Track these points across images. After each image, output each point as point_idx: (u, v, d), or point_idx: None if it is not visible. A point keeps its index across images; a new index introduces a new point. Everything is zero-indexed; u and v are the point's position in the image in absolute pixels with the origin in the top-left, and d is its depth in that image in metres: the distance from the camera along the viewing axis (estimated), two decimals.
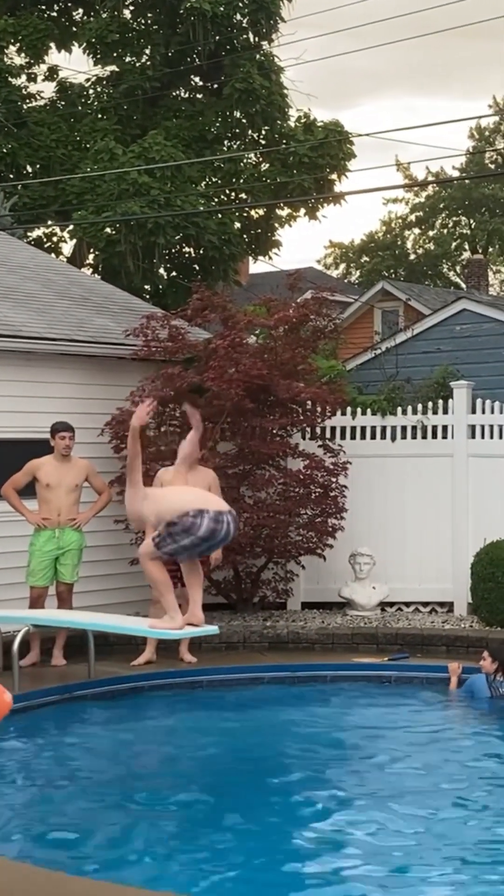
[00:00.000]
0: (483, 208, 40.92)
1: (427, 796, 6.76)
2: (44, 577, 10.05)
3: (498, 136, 41.79)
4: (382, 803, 6.55)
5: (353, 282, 41.67)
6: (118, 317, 12.68)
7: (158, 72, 20.36)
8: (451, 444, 12.43)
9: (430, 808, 6.50)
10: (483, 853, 5.86)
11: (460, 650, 10.54)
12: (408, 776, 7.24)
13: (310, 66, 45.58)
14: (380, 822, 6.22)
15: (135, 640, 10.26)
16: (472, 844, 6.00)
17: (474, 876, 5.49)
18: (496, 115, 40.86)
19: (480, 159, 40.49)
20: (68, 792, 6.94)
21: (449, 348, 15.90)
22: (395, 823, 6.21)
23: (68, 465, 10.18)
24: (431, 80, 64.02)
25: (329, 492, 11.81)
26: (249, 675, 9.77)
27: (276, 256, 22.69)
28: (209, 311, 12.22)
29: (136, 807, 6.60)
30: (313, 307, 12.29)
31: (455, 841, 6.00)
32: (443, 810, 6.50)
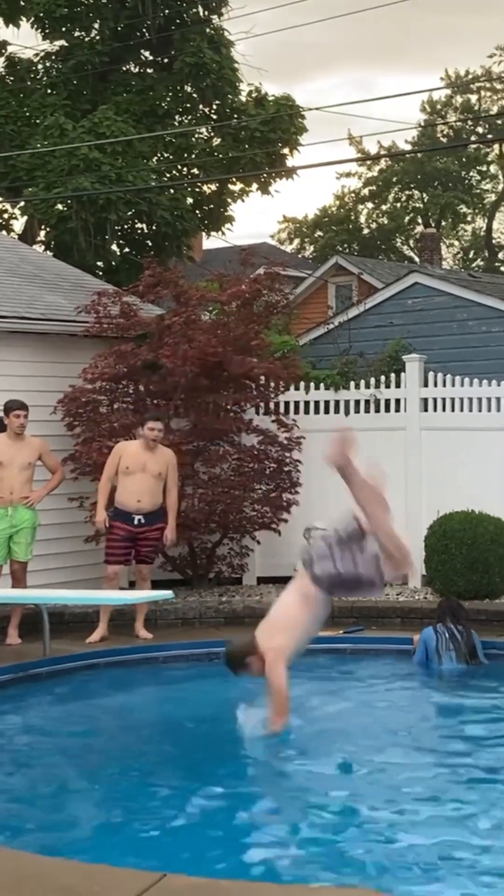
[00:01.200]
0: (436, 182, 41.02)
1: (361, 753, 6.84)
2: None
3: (450, 109, 41.86)
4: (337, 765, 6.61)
5: (306, 257, 41.66)
6: (70, 294, 12.62)
7: (108, 46, 20.18)
8: (403, 418, 12.50)
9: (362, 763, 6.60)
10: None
11: (415, 622, 10.60)
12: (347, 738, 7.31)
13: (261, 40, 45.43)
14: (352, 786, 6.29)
15: (90, 618, 10.27)
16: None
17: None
18: (448, 88, 40.90)
19: (433, 133, 40.59)
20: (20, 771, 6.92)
21: (401, 322, 15.99)
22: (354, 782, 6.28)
23: (21, 444, 10.14)
24: (384, 54, 63.98)
25: (283, 467, 11.85)
26: (205, 650, 9.77)
27: (229, 232, 22.64)
28: (161, 287, 12.20)
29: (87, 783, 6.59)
30: (266, 282, 12.29)
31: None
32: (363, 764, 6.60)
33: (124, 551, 10.24)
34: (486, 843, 5.42)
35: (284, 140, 20.28)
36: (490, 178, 42.91)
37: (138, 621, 10.18)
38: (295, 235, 44.85)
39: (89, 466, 11.13)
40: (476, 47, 66.44)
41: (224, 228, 21.71)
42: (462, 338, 15.38)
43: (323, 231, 43.28)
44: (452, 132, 41.47)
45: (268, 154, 20.19)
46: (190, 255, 21.91)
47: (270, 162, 20.37)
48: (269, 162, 20.34)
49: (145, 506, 10.16)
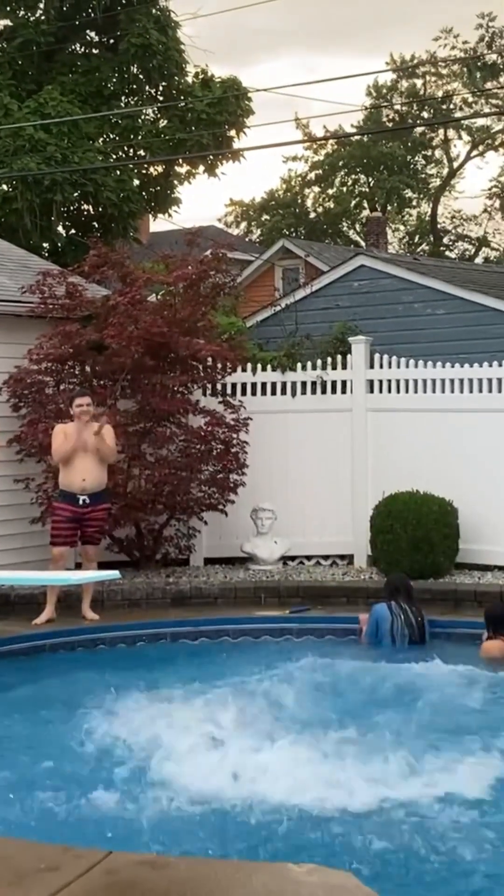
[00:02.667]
0: (381, 166, 41.10)
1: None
2: None
3: (395, 93, 41.95)
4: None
5: (254, 240, 41.62)
6: (14, 274, 12.53)
7: (53, 26, 20.02)
8: (350, 399, 12.57)
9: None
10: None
11: (360, 601, 10.70)
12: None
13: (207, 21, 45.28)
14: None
15: (36, 600, 10.25)
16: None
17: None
18: (393, 72, 40.97)
19: (378, 117, 40.65)
20: None
21: (347, 304, 16.04)
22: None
23: None
24: (331, 36, 63.92)
25: (230, 448, 11.87)
26: (152, 630, 9.80)
27: (176, 214, 22.68)
28: (107, 267, 12.15)
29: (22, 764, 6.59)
30: (213, 264, 12.27)
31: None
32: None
33: (70, 532, 10.22)
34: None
35: (231, 122, 20.27)
36: (435, 163, 43.08)
37: (85, 602, 10.18)
38: (242, 219, 44.78)
39: (35, 448, 11.08)
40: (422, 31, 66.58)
41: (171, 210, 21.67)
42: (407, 320, 15.47)
43: (270, 214, 43.26)
44: (398, 116, 41.58)
45: (214, 136, 20.16)
46: (136, 237, 21.83)
47: (217, 144, 20.34)
48: (215, 144, 20.31)
49: (89, 485, 10.15)
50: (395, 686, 8.06)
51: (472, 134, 40.70)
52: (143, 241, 23.70)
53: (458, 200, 44.48)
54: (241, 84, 20.42)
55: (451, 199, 43.83)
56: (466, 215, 44.11)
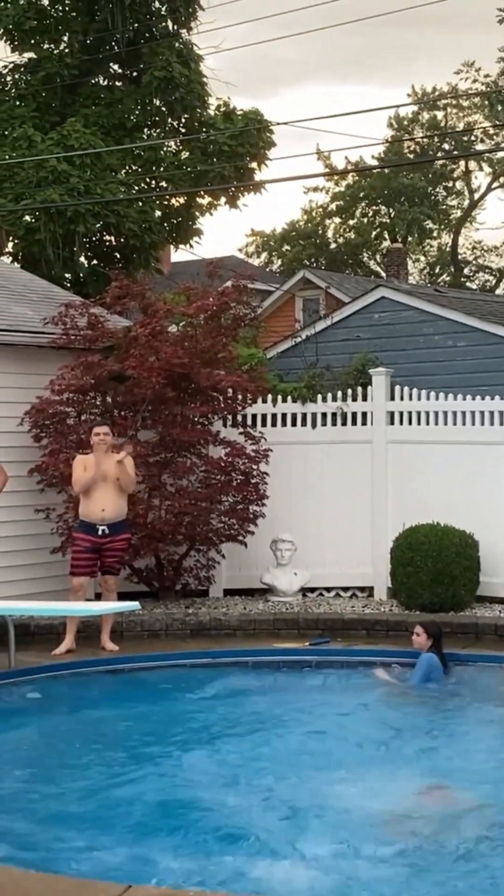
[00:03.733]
0: (402, 197, 41.24)
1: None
2: None
3: (416, 125, 42.13)
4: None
5: (274, 270, 41.76)
6: (37, 305, 12.60)
7: (77, 59, 20.19)
8: (370, 431, 12.56)
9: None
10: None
11: (380, 634, 10.67)
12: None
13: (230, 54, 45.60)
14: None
15: (56, 630, 10.25)
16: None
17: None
18: (415, 104, 41.16)
19: (399, 149, 40.82)
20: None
21: (368, 336, 16.05)
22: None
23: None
24: (352, 69, 64.31)
25: (250, 479, 11.87)
26: (171, 662, 9.77)
27: (197, 245, 22.62)
28: (129, 298, 12.21)
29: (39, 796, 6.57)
30: (233, 295, 12.32)
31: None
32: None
33: (89, 562, 10.23)
34: None
35: (253, 154, 20.35)
36: (456, 194, 43.21)
37: (104, 633, 10.17)
38: (262, 249, 44.96)
39: (56, 478, 11.11)
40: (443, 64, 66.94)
41: (192, 241, 21.75)
42: (428, 352, 15.47)
43: (290, 245, 43.42)
44: (419, 148, 41.75)
45: (236, 168, 20.26)
46: (158, 268, 21.93)
47: (238, 176, 20.43)
48: (237, 176, 20.41)
49: (109, 515, 10.16)
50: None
51: (494, 166, 40.82)
52: (164, 271, 23.82)
53: (479, 232, 44.73)
54: (262, 116, 20.53)
55: (472, 230, 44.00)
56: (487, 246, 44.23)
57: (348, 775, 6.85)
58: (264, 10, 26.90)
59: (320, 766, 7.11)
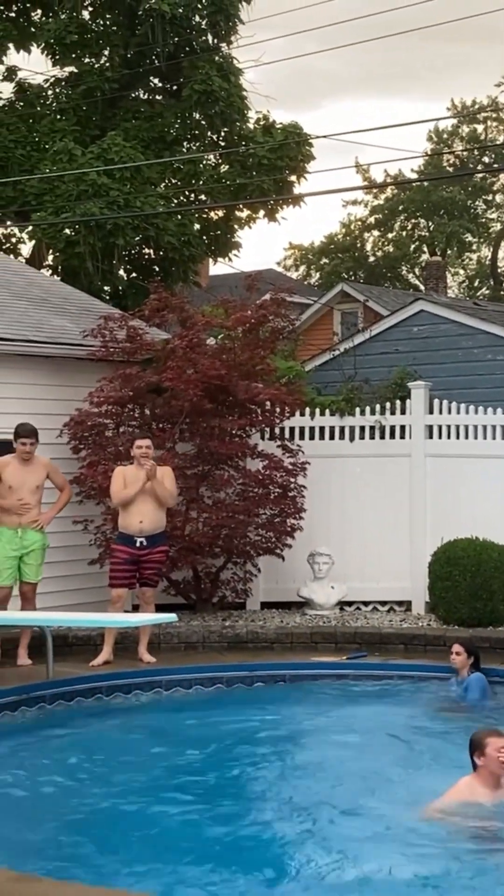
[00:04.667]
0: (441, 211, 41.15)
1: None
2: (8, 577, 10.07)
3: (456, 138, 42.05)
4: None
5: (312, 283, 41.78)
6: (76, 318, 12.67)
7: (117, 73, 20.31)
8: (408, 444, 12.52)
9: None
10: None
11: (418, 649, 10.62)
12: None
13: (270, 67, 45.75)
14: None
15: (93, 641, 10.27)
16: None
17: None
18: (454, 117, 41.10)
19: (439, 162, 40.74)
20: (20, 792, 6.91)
21: (407, 349, 16.03)
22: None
23: (30, 467, 10.19)
24: (392, 82, 64.31)
25: (288, 492, 11.86)
26: (208, 674, 9.77)
27: (235, 258, 22.61)
28: (167, 311, 12.25)
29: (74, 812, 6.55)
30: (272, 308, 12.34)
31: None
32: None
33: (128, 574, 10.24)
34: None
35: (292, 167, 20.38)
36: (496, 207, 43.05)
37: (142, 645, 10.18)
38: (300, 262, 44.99)
39: (94, 490, 11.14)
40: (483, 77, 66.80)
41: (231, 255, 21.81)
42: (467, 365, 15.42)
43: (329, 258, 43.42)
44: (459, 161, 41.66)
45: (275, 181, 20.29)
46: (196, 281, 22.00)
47: (277, 189, 20.46)
48: (276, 189, 20.44)
49: (147, 527, 10.17)
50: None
51: None
52: (202, 284, 23.88)
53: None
54: (302, 130, 20.56)
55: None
56: None
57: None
58: (304, 24, 26.98)
59: (404, 789, 7.00)
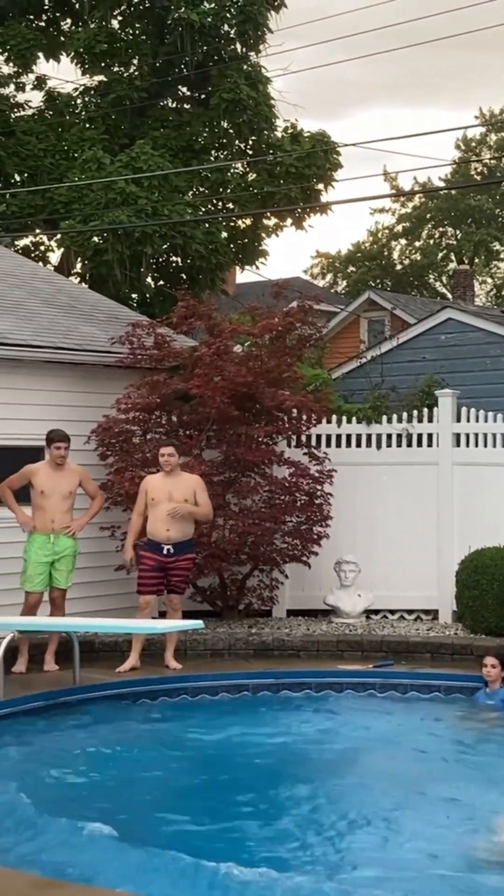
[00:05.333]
0: (469, 219, 41.09)
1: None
2: (40, 583, 10.11)
3: (484, 147, 41.98)
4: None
5: (339, 291, 41.77)
6: (104, 325, 12.72)
7: (146, 82, 20.40)
8: (436, 453, 12.49)
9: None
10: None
11: (445, 658, 10.59)
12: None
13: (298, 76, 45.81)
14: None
15: (120, 648, 10.30)
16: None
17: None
18: (482, 126, 41.03)
19: (467, 170, 40.70)
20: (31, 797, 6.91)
21: (434, 357, 16.01)
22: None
23: (62, 473, 10.23)
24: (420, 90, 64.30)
25: (314, 499, 11.85)
26: (234, 682, 9.77)
27: (262, 266, 22.80)
28: (195, 318, 12.28)
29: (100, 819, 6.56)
30: (299, 316, 12.34)
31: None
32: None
33: (155, 581, 10.26)
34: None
35: (319, 176, 20.41)
36: None
37: (168, 651, 10.19)
38: (327, 270, 45.00)
39: (121, 496, 11.17)
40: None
41: (258, 263, 21.84)
42: (495, 373, 15.38)
43: (356, 266, 43.40)
44: (486, 170, 41.58)
45: (302, 189, 20.32)
46: (223, 289, 22.04)
47: (305, 197, 20.49)
48: (303, 197, 20.47)
49: (174, 535, 10.18)
50: None
51: None
52: (229, 292, 23.93)
53: None
54: (329, 138, 20.59)
55: None
56: None
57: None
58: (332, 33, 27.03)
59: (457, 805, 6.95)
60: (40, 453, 10.42)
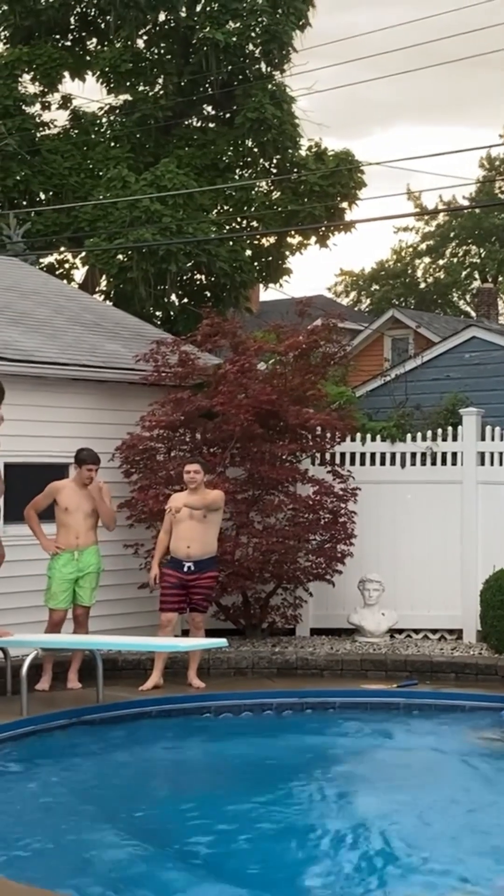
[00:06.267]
0: (493, 237, 41.02)
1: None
2: (64, 601, 10.11)
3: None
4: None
5: (363, 309, 41.77)
6: (129, 342, 12.74)
7: (171, 101, 20.52)
8: (460, 471, 12.44)
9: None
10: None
11: (469, 678, 10.52)
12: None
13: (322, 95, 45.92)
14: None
15: (143, 666, 10.27)
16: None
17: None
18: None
19: (491, 189, 40.65)
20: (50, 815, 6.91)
21: (458, 375, 15.96)
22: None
23: (86, 491, 10.25)
24: (443, 109, 64.37)
25: (338, 518, 11.81)
26: (258, 700, 9.73)
27: (286, 284, 22.82)
28: (219, 336, 12.29)
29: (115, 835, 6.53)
30: (323, 334, 12.33)
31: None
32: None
33: (177, 598, 10.24)
34: None
35: (343, 194, 20.46)
36: None
37: (191, 670, 10.16)
38: (351, 288, 45.00)
39: (145, 514, 11.17)
40: None
41: (281, 280, 21.89)
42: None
43: (379, 284, 43.39)
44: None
45: (326, 208, 20.36)
46: (247, 306, 22.09)
47: (329, 215, 20.53)
48: (327, 215, 20.51)
49: (195, 552, 10.16)
50: None
51: None
52: (253, 309, 23.98)
53: None
54: (353, 157, 20.64)
55: None
56: None
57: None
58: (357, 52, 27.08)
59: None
60: (65, 471, 10.43)
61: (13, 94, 20.46)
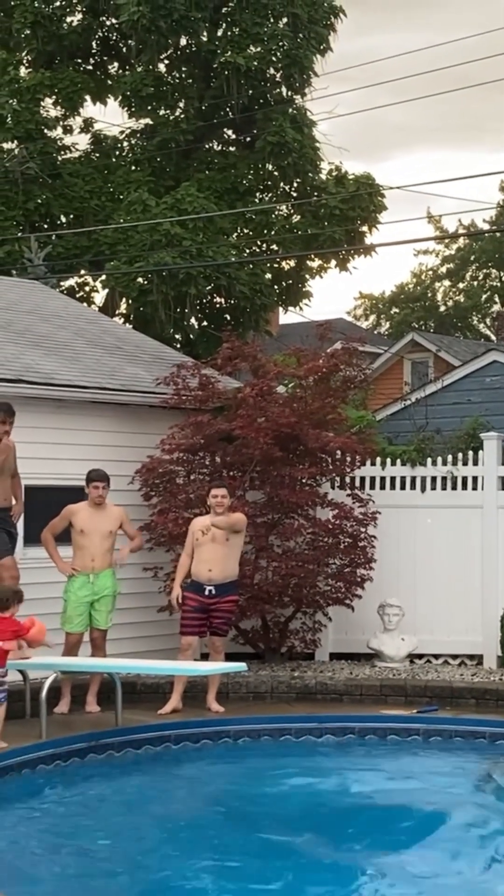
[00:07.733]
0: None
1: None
2: (80, 624, 10.10)
3: None
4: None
5: (382, 333, 41.77)
6: (149, 365, 12.76)
7: (192, 125, 20.60)
8: (480, 496, 12.38)
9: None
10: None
11: (490, 703, 10.45)
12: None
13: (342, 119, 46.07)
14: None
15: (162, 689, 10.24)
16: None
17: None
18: None
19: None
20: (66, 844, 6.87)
21: (479, 399, 15.92)
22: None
23: (103, 513, 10.24)
24: (464, 133, 64.47)
25: (358, 542, 11.77)
26: (277, 725, 9.68)
27: (306, 307, 22.81)
28: (239, 360, 12.29)
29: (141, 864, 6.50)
30: (343, 357, 12.32)
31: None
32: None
33: (197, 622, 10.21)
34: None
35: (363, 218, 20.50)
36: None
37: (210, 694, 10.12)
38: (371, 312, 45.02)
39: (164, 537, 11.16)
40: None
41: (301, 304, 21.91)
42: None
43: (399, 308, 43.40)
44: None
45: (346, 231, 20.40)
46: (267, 330, 22.11)
47: (349, 239, 20.56)
48: (347, 239, 20.54)
49: (216, 576, 10.14)
50: None
51: None
52: (273, 332, 24.00)
53: None
54: (374, 180, 20.69)
55: None
56: None
57: None
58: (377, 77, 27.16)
59: None
60: (84, 493, 10.43)
61: (35, 118, 20.59)
